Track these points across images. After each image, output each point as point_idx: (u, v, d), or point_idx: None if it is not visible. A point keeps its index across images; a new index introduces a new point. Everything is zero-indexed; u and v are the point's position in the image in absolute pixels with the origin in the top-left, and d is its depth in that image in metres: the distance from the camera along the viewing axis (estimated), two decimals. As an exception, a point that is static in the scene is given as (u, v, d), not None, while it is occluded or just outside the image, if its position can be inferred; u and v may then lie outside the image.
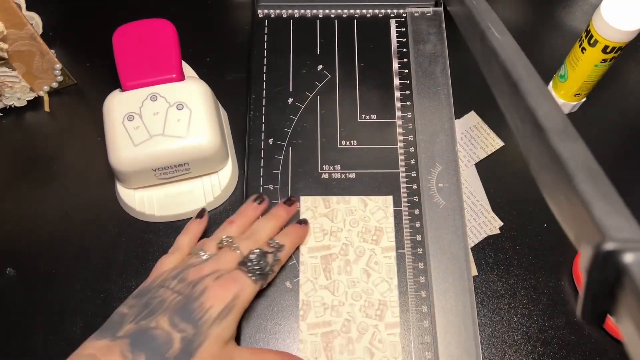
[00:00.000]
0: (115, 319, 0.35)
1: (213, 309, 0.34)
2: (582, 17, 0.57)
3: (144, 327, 0.33)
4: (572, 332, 0.43)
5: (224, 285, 0.35)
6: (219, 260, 0.37)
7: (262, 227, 0.41)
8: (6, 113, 0.52)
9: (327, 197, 0.45)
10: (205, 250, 0.39)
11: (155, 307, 0.34)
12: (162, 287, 0.36)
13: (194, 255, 0.39)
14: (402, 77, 0.50)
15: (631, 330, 0.19)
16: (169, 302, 0.35)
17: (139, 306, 0.35)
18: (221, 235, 0.40)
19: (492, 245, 0.46)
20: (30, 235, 0.47)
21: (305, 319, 0.40)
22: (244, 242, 0.39)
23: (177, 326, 0.33)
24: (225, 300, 0.34)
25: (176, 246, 0.41)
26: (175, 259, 0.39)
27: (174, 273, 0.37)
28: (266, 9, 0.53)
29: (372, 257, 0.42)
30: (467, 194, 0.48)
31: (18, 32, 0.46)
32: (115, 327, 0.34)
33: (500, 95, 0.32)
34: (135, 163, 0.43)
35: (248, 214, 0.42)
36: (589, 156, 0.24)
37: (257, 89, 0.49)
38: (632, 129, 0.52)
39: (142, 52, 0.46)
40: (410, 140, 0.47)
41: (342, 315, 0.41)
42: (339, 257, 0.43)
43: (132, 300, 0.36)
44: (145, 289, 0.37)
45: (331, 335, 0.40)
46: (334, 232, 0.43)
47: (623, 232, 0.20)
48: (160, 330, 0.33)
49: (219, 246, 0.39)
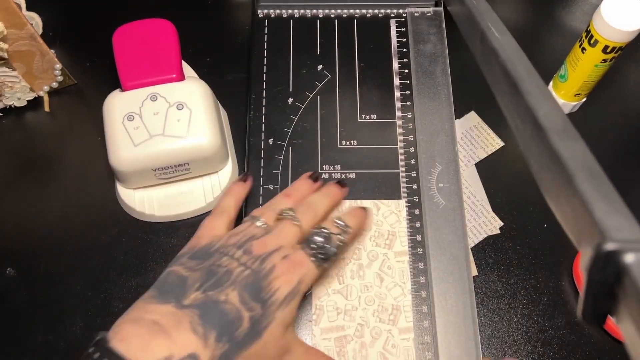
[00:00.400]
0: (173, 280, 0.32)
1: (280, 291, 0.32)
2: (582, 17, 0.57)
3: (214, 299, 0.31)
4: (573, 333, 0.43)
5: (291, 268, 0.33)
6: (281, 234, 0.35)
7: (319, 201, 0.39)
8: (6, 113, 0.52)
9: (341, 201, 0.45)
10: (262, 219, 0.37)
11: (222, 278, 0.32)
12: (226, 255, 0.34)
13: (250, 224, 0.36)
14: (402, 77, 0.50)
15: (632, 331, 0.19)
16: (236, 274, 0.32)
17: (201, 271, 0.33)
18: (277, 207, 0.38)
19: (492, 245, 0.46)
20: (30, 235, 0.47)
21: (318, 324, 0.40)
22: (304, 216, 0.37)
23: (247, 304, 0.31)
24: (292, 284, 0.33)
25: (221, 208, 0.38)
26: (223, 222, 0.37)
27: (237, 241, 0.35)
28: (266, 9, 0.53)
29: (385, 262, 0.42)
30: (467, 194, 0.48)
31: (18, 32, 0.46)
32: (178, 291, 0.31)
33: (500, 95, 0.32)
34: (135, 163, 0.43)
35: (302, 190, 0.40)
36: (589, 156, 0.24)
37: (257, 89, 0.49)
38: (632, 129, 0.52)
39: (142, 52, 0.46)
40: (410, 140, 0.47)
41: (355, 320, 0.40)
42: (351, 261, 0.42)
43: (190, 262, 0.34)
44: (203, 251, 0.34)
45: (344, 340, 0.40)
46: None
47: (623, 233, 0.20)
48: (231, 305, 0.31)
49: (278, 217, 0.37)
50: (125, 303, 0.44)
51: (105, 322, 0.43)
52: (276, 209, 0.38)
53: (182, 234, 0.46)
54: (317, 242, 0.35)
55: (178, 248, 0.46)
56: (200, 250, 0.35)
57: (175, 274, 0.33)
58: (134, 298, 0.44)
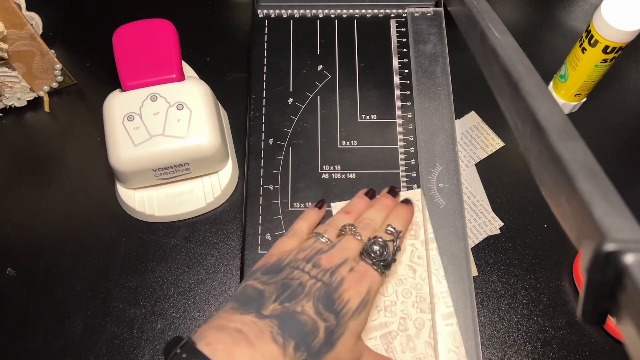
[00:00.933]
0: (251, 292, 0.34)
1: (351, 302, 0.34)
2: (582, 17, 0.57)
3: (291, 310, 0.33)
4: (573, 333, 0.43)
5: (359, 280, 0.35)
6: (345, 248, 0.37)
7: (375, 217, 0.41)
8: (6, 113, 0.52)
9: None
10: (326, 235, 0.38)
11: (296, 290, 0.34)
12: (297, 269, 0.35)
13: (316, 240, 0.38)
14: (403, 77, 0.50)
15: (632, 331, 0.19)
16: (309, 287, 0.34)
17: (275, 284, 0.34)
18: (338, 223, 0.40)
19: (493, 245, 0.46)
20: (30, 235, 0.47)
21: None
22: (364, 231, 0.39)
23: (322, 314, 0.33)
24: (362, 294, 0.34)
25: (294, 230, 0.40)
26: (295, 242, 0.39)
27: (305, 255, 0.36)
28: (266, 9, 0.53)
29: (414, 252, 0.42)
30: (467, 194, 0.48)
31: (18, 32, 0.46)
32: (257, 302, 0.33)
33: (500, 95, 0.32)
34: (135, 163, 0.43)
35: (360, 207, 0.42)
36: (589, 156, 0.24)
37: (257, 89, 0.49)
38: (632, 129, 0.52)
39: (142, 52, 0.46)
40: (410, 140, 0.47)
41: (397, 315, 0.40)
42: None
43: (264, 277, 0.35)
44: (275, 265, 0.36)
45: (390, 336, 0.40)
46: None
47: (623, 233, 0.20)
48: (307, 316, 0.33)
49: (340, 233, 0.39)
50: (125, 303, 0.44)
51: (105, 322, 0.43)
52: (337, 226, 0.40)
53: (182, 234, 0.46)
54: (375, 251, 0.37)
55: (178, 248, 0.46)
56: (273, 265, 0.36)
57: (252, 287, 0.35)
58: (134, 298, 0.44)
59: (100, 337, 0.43)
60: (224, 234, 0.47)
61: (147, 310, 0.44)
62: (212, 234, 0.47)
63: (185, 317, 0.44)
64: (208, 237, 0.47)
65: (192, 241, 0.46)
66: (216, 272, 0.45)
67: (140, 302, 0.44)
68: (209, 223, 0.47)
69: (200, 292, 0.45)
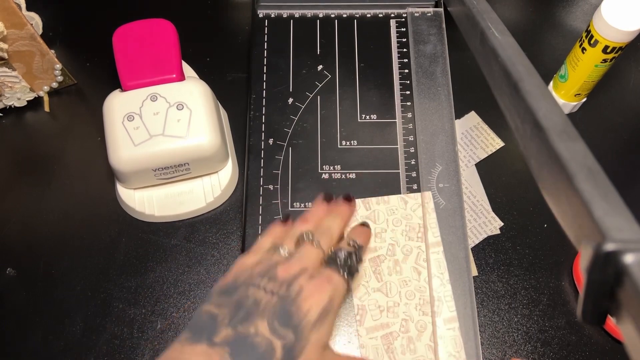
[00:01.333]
0: (205, 319, 0.33)
1: (311, 313, 0.32)
2: (582, 17, 0.57)
3: (244, 334, 0.32)
4: (573, 333, 0.43)
5: (319, 286, 0.34)
6: (303, 257, 0.36)
7: (333, 224, 0.39)
8: (6, 113, 0.52)
9: (366, 199, 0.45)
10: (283, 245, 0.37)
11: (251, 310, 0.33)
12: (252, 286, 0.34)
13: (273, 252, 0.37)
14: (402, 77, 0.50)
15: (632, 331, 0.19)
16: (264, 303, 0.33)
17: (229, 306, 0.33)
18: (296, 232, 0.38)
19: (493, 245, 0.46)
20: (30, 235, 0.47)
21: (362, 324, 0.40)
22: (322, 238, 0.37)
23: (277, 332, 0.32)
24: (322, 303, 0.33)
25: (257, 247, 0.39)
26: (255, 260, 0.38)
27: (260, 270, 0.35)
28: (266, 9, 0.53)
29: (420, 255, 0.42)
30: (467, 194, 0.48)
31: (18, 32, 0.46)
32: (209, 329, 0.32)
33: (500, 95, 0.32)
34: (135, 163, 0.43)
35: (319, 213, 0.41)
36: (589, 156, 0.24)
37: (257, 89, 0.49)
38: (632, 129, 0.52)
39: (142, 52, 0.46)
40: (410, 140, 0.47)
41: (399, 316, 0.40)
42: (387, 258, 0.42)
43: (219, 299, 0.34)
44: (230, 285, 0.35)
45: (391, 337, 0.40)
46: (378, 234, 0.43)
47: (623, 233, 0.20)
48: (261, 337, 0.31)
49: (298, 241, 0.37)
50: (125, 303, 0.44)
51: (105, 322, 0.43)
52: (295, 234, 0.38)
53: (182, 234, 0.46)
54: (341, 259, 0.36)
55: (178, 248, 0.46)
56: (228, 285, 0.35)
57: (206, 313, 0.33)
58: (134, 298, 0.44)
59: (100, 337, 0.43)
60: (224, 234, 0.47)
61: (147, 310, 0.44)
62: (212, 234, 0.47)
63: (185, 317, 0.44)
64: (208, 237, 0.47)
65: (192, 241, 0.46)
66: (216, 272, 0.45)
67: (140, 302, 0.44)
68: (209, 223, 0.47)
69: (200, 292, 0.45)
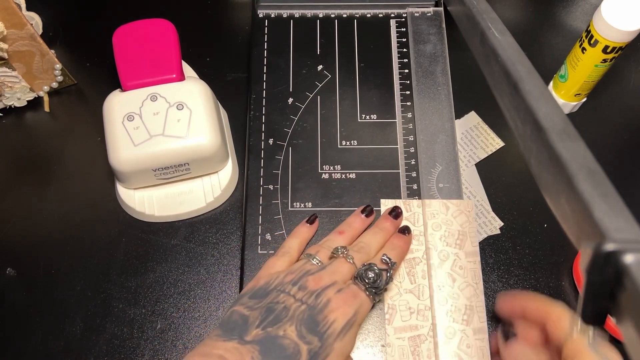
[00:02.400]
0: (236, 319, 0.35)
1: (337, 323, 0.34)
2: (582, 17, 0.57)
3: (273, 335, 0.33)
4: (572, 332, 0.43)
5: (346, 300, 0.35)
6: (335, 271, 0.37)
7: (372, 241, 0.41)
8: (6, 113, 0.52)
9: (407, 200, 0.44)
10: (317, 257, 0.39)
11: (280, 314, 0.34)
12: (282, 292, 0.36)
13: (306, 261, 0.38)
14: (402, 77, 0.50)
15: (631, 330, 0.19)
16: (293, 310, 0.34)
17: (260, 309, 0.35)
18: (331, 244, 0.40)
19: (493, 245, 0.46)
20: (30, 235, 0.47)
21: (391, 323, 0.40)
22: (357, 255, 0.39)
23: (305, 337, 0.33)
24: (347, 315, 0.35)
25: (285, 249, 0.40)
26: (284, 263, 0.39)
27: (292, 278, 0.37)
28: (266, 9, 0.53)
29: (457, 262, 0.42)
30: (467, 194, 0.48)
31: (18, 32, 0.46)
32: (240, 329, 0.34)
33: (500, 95, 0.32)
34: (135, 163, 0.43)
35: (356, 226, 0.42)
36: (589, 156, 0.24)
37: (257, 89, 0.49)
38: (632, 129, 0.51)
39: (142, 52, 0.46)
40: (410, 140, 0.47)
41: (428, 320, 0.40)
42: (422, 261, 0.42)
43: (250, 301, 0.36)
44: (262, 289, 0.36)
45: (418, 339, 0.40)
46: (416, 236, 0.43)
47: (623, 233, 0.20)
48: (289, 340, 0.33)
49: (332, 255, 0.39)
50: (125, 303, 0.44)
51: (105, 322, 0.43)
52: (330, 247, 0.40)
53: (182, 234, 0.46)
54: (369, 277, 0.37)
55: (178, 248, 0.46)
56: (260, 289, 0.37)
57: (238, 313, 0.35)
58: (134, 298, 0.44)
59: (100, 337, 0.43)
60: (224, 234, 0.47)
61: (147, 310, 0.44)
62: (212, 234, 0.47)
63: (185, 317, 0.44)
64: (208, 237, 0.47)
65: (192, 241, 0.46)
66: (216, 272, 0.45)
67: (140, 302, 0.44)
68: (209, 223, 0.47)
69: (200, 292, 0.45)
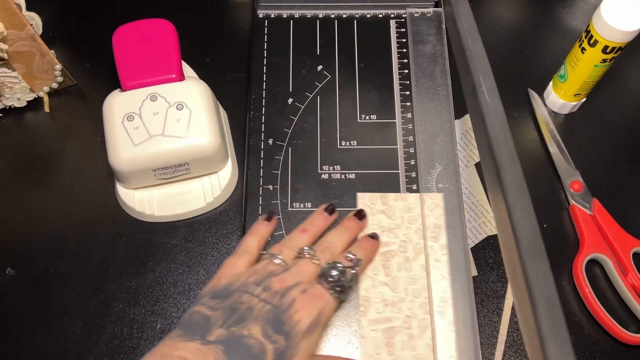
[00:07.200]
0: (197, 319, 0.34)
1: (302, 323, 0.34)
2: (582, 17, 0.57)
3: (237, 334, 0.32)
4: (573, 333, 0.43)
5: (310, 300, 0.35)
6: (300, 272, 0.37)
7: (337, 240, 0.40)
8: (6, 113, 0.52)
9: (384, 194, 0.45)
10: (280, 256, 0.38)
11: (244, 314, 0.34)
12: (246, 293, 0.35)
13: (269, 261, 0.38)
14: (402, 77, 0.50)
15: None
16: (258, 310, 0.34)
17: (223, 309, 0.34)
18: (294, 243, 0.40)
19: (492, 245, 0.46)
20: (30, 235, 0.47)
21: (366, 315, 0.40)
22: (322, 255, 0.38)
23: (270, 337, 0.33)
24: (312, 316, 0.34)
25: (244, 248, 0.40)
26: (244, 262, 0.38)
27: (256, 279, 0.36)
28: (266, 9, 0.53)
29: (432, 254, 0.42)
30: (467, 194, 0.48)
31: (18, 33, 0.46)
32: (202, 329, 0.33)
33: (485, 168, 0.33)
34: (135, 163, 0.43)
35: (319, 224, 0.42)
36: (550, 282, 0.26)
37: (257, 89, 0.49)
38: (632, 129, 0.51)
39: (142, 52, 0.46)
40: (410, 140, 0.47)
41: (403, 312, 0.41)
42: (398, 254, 0.42)
43: (212, 302, 0.35)
44: (224, 290, 0.36)
45: (392, 331, 0.40)
46: (392, 229, 0.43)
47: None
48: (254, 339, 0.32)
49: (298, 255, 0.39)
50: (125, 303, 0.44)
51: (105, 322, 0.43)
52: (294, 246, 0.39)
53: (182, 234, 0.46)
54: (333, 276, 0.37)
55: (178, 248, 0.46)
56: (222, 290, 0.36)
57: (199, 314, 0.34)
58: (134, 298, 0.44)
59: (100, 337, 0.43)
60: (224, 234, 0.47)
61: (147, 310, 0.44)
62: (212, 234, 0.47)
63: (185, 317, 0.44)
64: (208, 237, 0.47)
65: (192, 241, 0.46)
66: (216, 272, 0.45)
67: (140, 302, 0.44)
68: (209, 223, 0.47)
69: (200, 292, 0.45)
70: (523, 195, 0.28)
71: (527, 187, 0.30)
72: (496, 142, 0.30)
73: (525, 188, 0.28)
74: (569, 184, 0.47)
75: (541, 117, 0.51)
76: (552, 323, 0.24)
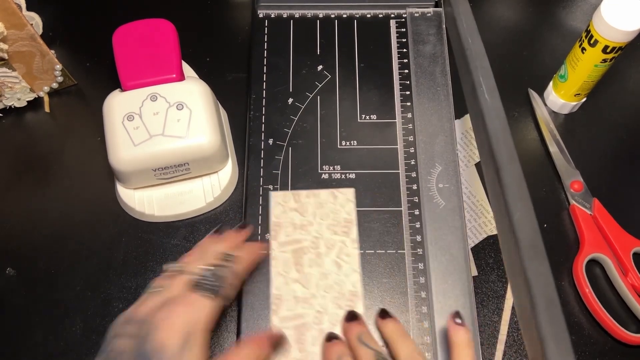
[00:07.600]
0: None
1: (169, 341, 0.31)
2: (582, 17, 0.57)
3: None
4: (573, 333, 0.43)
5: (170, 313, 0.32)
6: (169, 288, 0.35)
7: (209, 248, 0.38)
8: (6, 113, 0.52)
9: (297, 191, 0.45)
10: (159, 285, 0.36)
11: None
12: (116, 337, 0.32)
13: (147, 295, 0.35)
14: (402, 77, 0.50)
15: None
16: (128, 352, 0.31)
17: None
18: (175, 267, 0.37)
19: (492, 245, 0.46)
20: (30, 235, 0.47)
21: (277, 313, 0.41)
22: (191, 264, 0.36)
23: None
24: (178, 328, 0.31)
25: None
26: None
27: (123, 317, 0.34)
28: (266, 9, 0.53)
29: (343, 249, 0.43)
30: (467, 194, 0.48)
31: (18, 33, 0.46)
32: None
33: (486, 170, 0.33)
34: (135, 163, 0.43)
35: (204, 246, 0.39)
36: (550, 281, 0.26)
37: (257, 89, 0.49)
38: (632, 129, 0.51)
39: (142, 52, 0.46)
40: (410, 140, 0.47)
41: (314, 308, 0.41)
42: (310, 251, 0.43)
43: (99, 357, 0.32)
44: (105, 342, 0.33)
45: (303, 328, 0.40)
46: (304, 226, 0.44)
47: None
48: None
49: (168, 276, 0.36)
50: (125, 303, 0.44)
51: (104, 323, 0.43)
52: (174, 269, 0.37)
53: (182, 234, 0.46)
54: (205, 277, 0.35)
55: (178, 248, 0.46)
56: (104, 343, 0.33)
57: None
58: (134, 298, 0.44)
59: (100, 337, 0.43)
60: (224, 234, 0.47)
61: (147, 310, 0.44)
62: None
63: (185, 317, 0.44)
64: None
65: (192, 241, 0.46)
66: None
67: (140, 302, 0.44)
68: (209, 223, 0.47)
69: (200, 292, 0.45)
70: (523, 195, 0.28)
71: (527, 187, 0.30)
72: (496, 142, 0.30)
73: (525, 188, 0.28)
74: (569, 184, 0.47)
75: (541, 117, 0.51)
76: (552, 323, 0.24)
